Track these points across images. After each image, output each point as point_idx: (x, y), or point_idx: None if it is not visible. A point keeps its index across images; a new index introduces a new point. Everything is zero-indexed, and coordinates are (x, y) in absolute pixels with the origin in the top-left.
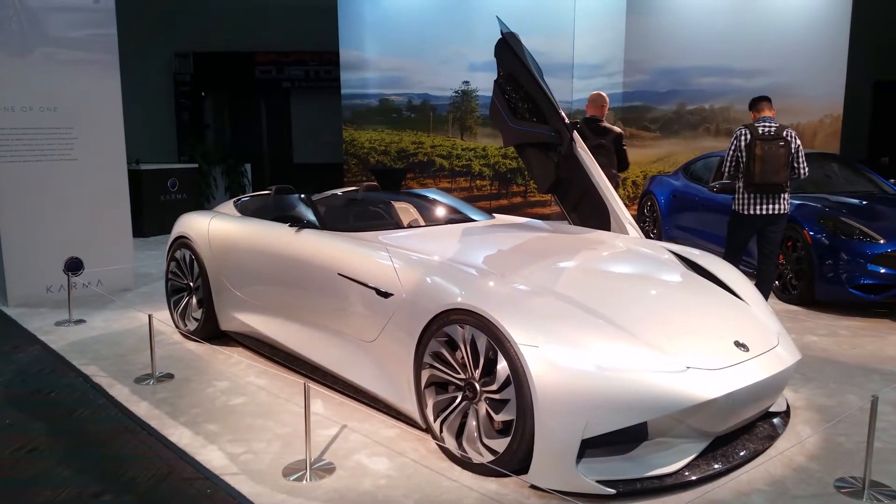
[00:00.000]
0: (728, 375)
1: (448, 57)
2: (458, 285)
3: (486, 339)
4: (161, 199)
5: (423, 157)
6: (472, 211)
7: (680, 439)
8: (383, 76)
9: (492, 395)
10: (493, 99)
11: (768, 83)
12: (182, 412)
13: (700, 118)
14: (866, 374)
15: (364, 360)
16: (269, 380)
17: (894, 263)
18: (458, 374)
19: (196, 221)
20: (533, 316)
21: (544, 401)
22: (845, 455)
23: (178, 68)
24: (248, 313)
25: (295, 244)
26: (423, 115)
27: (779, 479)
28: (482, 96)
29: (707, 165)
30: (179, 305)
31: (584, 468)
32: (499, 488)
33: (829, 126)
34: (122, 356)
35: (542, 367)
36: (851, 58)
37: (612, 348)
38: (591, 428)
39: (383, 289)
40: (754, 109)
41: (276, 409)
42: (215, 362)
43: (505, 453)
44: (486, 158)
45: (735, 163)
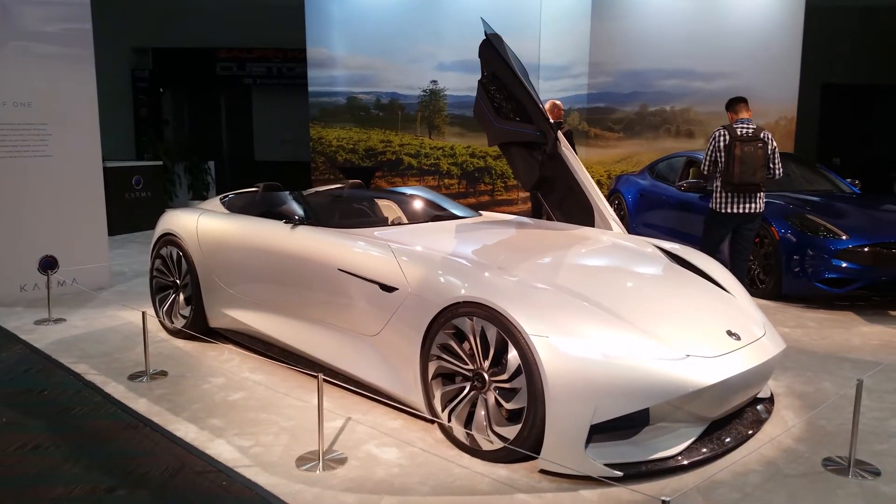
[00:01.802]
0: (724, 363)
1: (417, 56)
2: (466, 279)
3: (496, 331)
4: (126, 197)
5: (392, 156)
6: (459, 208)
7: (679, 424)
8: (351, 74)
9: (502, 385)
10: (477, 99)
11: (727, 86)
12: (183, 408)
13: (661, 119)
14: (838, 363)
15: (366, 353)
16: (264, 375)
17: (857, 258)
18: (467, 364)
19: (183, 218)
20: (541, 307)
21: (555, 389)
22: (828, 437)
23: (137, 64)
24: (240, 310)
25: (291, 240)
26: (392, 113)
27: (771, 461)
28: (450, 96)
29: (671, 165)
30: (165, 303)
31: (592, 452)
32: (510, 474)
33: (784, 127)
34: (109, 354)
35: (552, 356)
36: (802, 62)
37: (617, 337)
38: (599, 414)
39: (387, 283)
40: (731, 111)
41: (277, 403)
42: (206, 359)
43: (515, 440)
44: (454, 157)
45: (713, 163)
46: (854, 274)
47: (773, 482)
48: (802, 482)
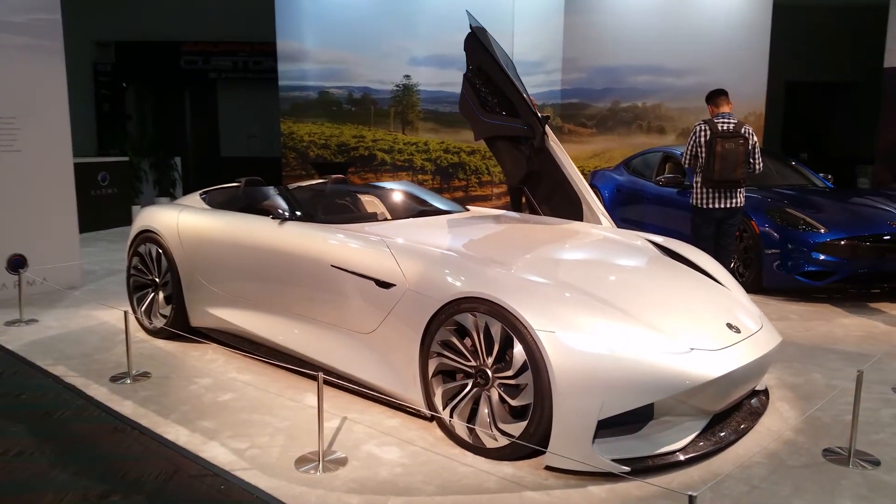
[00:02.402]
0: (727, 356)
1: (389, 51)
2: (467, 275)
3: (501, 326)
4: (91, 194)
5: (365, 152)
6: (446, 203)
7: (683, 418)
8: (323, 69)
9: (506, 381)
10: (462, 92)
11: (697, 82)
12: (171, 410)
13: (633, 115)
14: (823, 354)
15: (361, 351)
16: (252, 375)
17: (835, 251)
18: (469, 361)
19: (163, 214)
20: (546, 302)
21: (562, 384)
22: (824, 428)
23: (99, 58)
24: (225, 308)
25: (279, 236)
26: (364, 108)
27: (773, 452)
28: (424, 91)
29: (647, 161)
30: (144, 302)
31: (599, 448)
32: (515, 471)
33: (753, 123)
34: (88, 355)
35: (559, 351)
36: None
37: (622, 332)
38: (606, 409)
39: (384, 279)
40: (712, 104)
41: (269, 403)
42: (189, 359)
43: (521, 437)
44: (427, 153)
45: (694, 157)
46: (833, 266)
47: (778, 474)
48: (806, 473)
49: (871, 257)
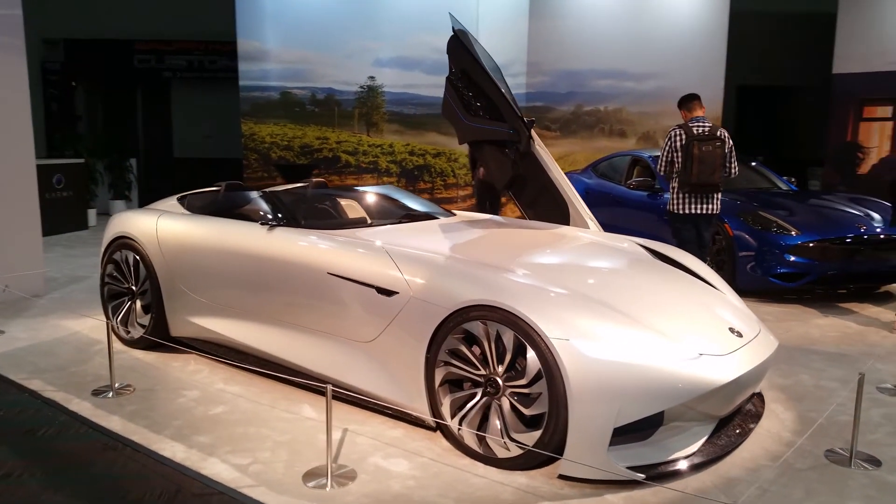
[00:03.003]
0: (734, 360)
1: (353, 51)
2: (477, 282)
3: (513, 335)
4: (46, 197)
5: (329, 153)
6: (432, 207)
7: (691, 423)
8: (285, 68)
9: (519, 390)
10: (445, 96)
11: (657, 86)
12: (162, 425)
13: (596, 119)
14: (806, 356)
15: (360, 360)
16: (241, 387)
17: (807, 253)
18: (478, 370)
19: (140, 220)
20: (558, 310)
21: (578, 393)
22: (821, 429)
23: (48, 56)
24: (210, 318)
25: (269, 243)
26: (328, 109)
27: (777, 455)
28: (389, 92)
29: (613, 165)
30: (120, 311)
31: (614, 456)
32: (530, 481)
33: None
34: (63, 368)
35: (574, 359)
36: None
37: (634, 338)
38: (622, 416)
39: (386, 287)
40: (685, 108)
41: (264, 416)
42: (172, 371)
43: (536, 446)
44: (392, 155)
45: (670, 163)
46: (804, 268)
47: (787, 477)
48: (812, 475)
49: (840, 259)
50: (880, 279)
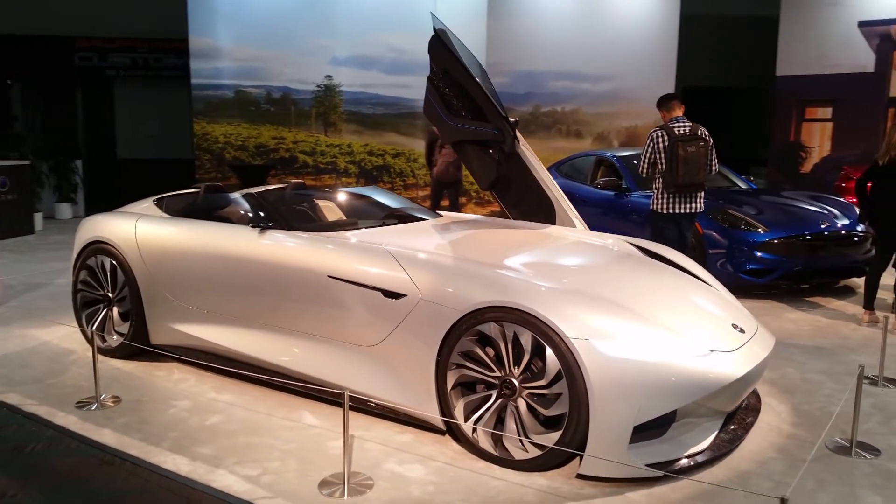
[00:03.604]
0: (742, 356)
1: (309, 49)
2: (491, 284)
3: (531, 336)
4: None
5: (285, 154)
6: (418, 208)
7: (701, 419)
8: (239, 67)
9: (538, 391)
10: (426, 96)
11: (612, 87)
12: (159, 437)
13: (553, 120)
14: (786, 349)
15: (364, 365)
16: (232, 395)
17: (774, 250)
18: (493, 372)
19: (117, 224)
20: (575, 309)
21: (599, 392)
22: (815, 420)
23: None
24: (196, 325)
25: (262, 247)
26: (284, 108)
27: (781, 447)
28: (346, 92)
29: (576, 165)
30: (95, 319)
31: (633, 454)
32: (550, 482)
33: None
34: (40, 380)
35: (594, 359)
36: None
37: (648, 336)
38: (641, 414)
39: (392, 290)
40: (665, 108)
41: (264, 424)
42: (157, 380)
43: (555, 447)
44: (351, 155)
45: (652, 164)
46: (772, 264)
47: (795, 468)
48: (818, 466)
49: (805, 255)
50: (841, 274)
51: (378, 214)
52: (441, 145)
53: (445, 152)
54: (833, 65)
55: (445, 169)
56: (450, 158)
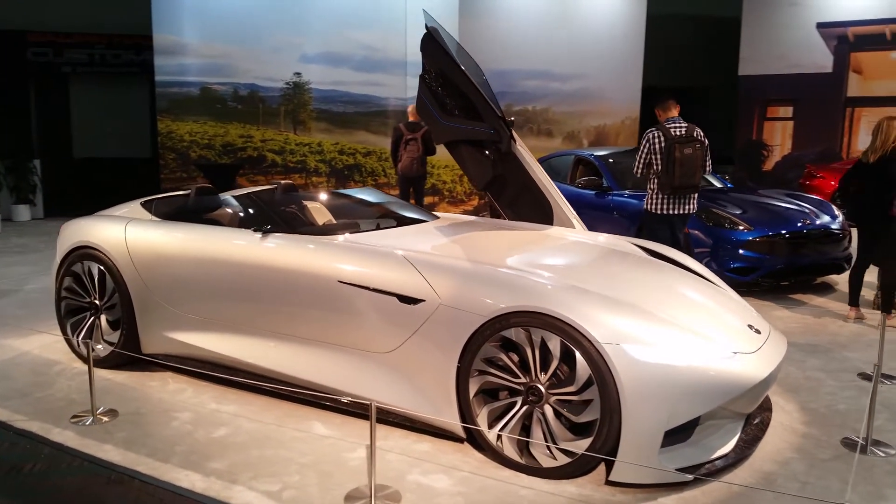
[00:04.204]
0: (762, 356)
1: (278, 46)
2: (515, 288)
3: (560, 341)
4: None
5: (253, 152)
6: (417, 210)
7: (723, 420)
8: (205, 63)
9: (568, 397)
10: (419, 95)
11: (581, 87)
12: (166, 452)
13: (524, 119)
14: None
15: (377, 372)
16: (235, 406)
17: (758, 248)
18: (518, 378)
19: (104, 228)
20: (602, 314)
21: (632, 397)
22: (823, 418)
23: None
24: (194, 332)
25: (266, 251)
26: (252, 106)
27: (799, 447)
28: (316, 89)
29: (552, 165)
30: (81, 328)
31: (663, 458)
32: (580, 490)
33: (629, 127)
34: (26, 393)
35: (625, 364)
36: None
37: (675, 339)
38: (672, 419)
39: (409, 295)
40: (661, 109)
41: (274, 436)
42: (152, 391)
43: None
44: (321, 154)
45: (647, 165)
46: (756, 262)
47: (817, 468)
48: (839, 465)
49: (788, 252)
50: (821, 271)
51: (374, 216)
52: (406, 141)
53: (410, 148)
54: (793, 65)
55: (410, 164)
56: (414, 154)
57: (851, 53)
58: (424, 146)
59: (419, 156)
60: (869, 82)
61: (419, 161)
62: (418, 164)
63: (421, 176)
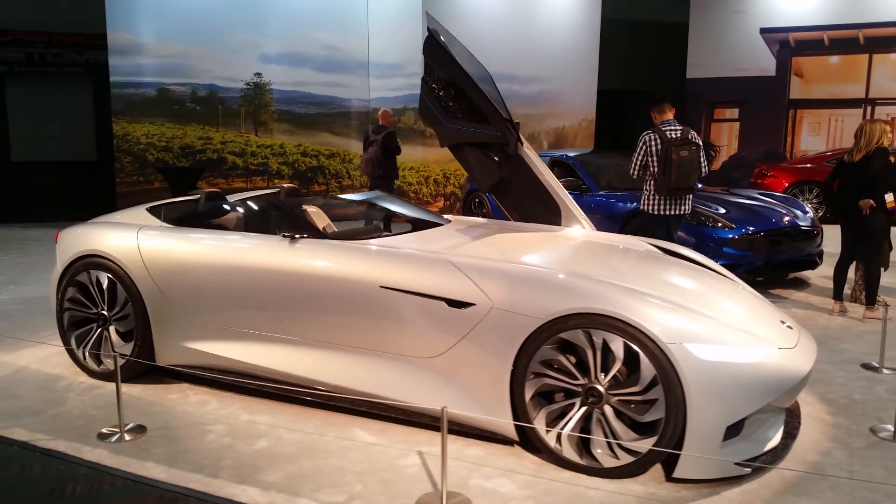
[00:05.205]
0: (803, 351)
1: (237, 45)
2: (572, 291)
3: (623, 342)
4: None
5: (213, 155)
6: (427, 214)
7: (767, 415)
8: (162, 63)
9: (632, 397)
10: (421, 97)
11: (540, 89)
12: (212, 468)
13: None
14: None
15: (422, 377)
16: (268, 416)
17: (742, 246)
18: (577, 379)
19: (114, 236)
20: (664, 314)
21: (697, 395)
22: (847, 409)
23: None
24: (218, 342)
25: (297, 257)
26: (211, 107)
27: (833, 436)
28: (277, 90)
29: None
30: (88, 340)
31: (723, 454)
32: (644, 488)
33: (586, 129)
34: (39, 411)
35: (689, 363)
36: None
37: (730, 336)
38: (732, 414)
39: (458, 299)
40: (657, 111)
41: (319, 446)
42: (173, 404)
43: (650, 452)
44: (284, 156)
45: (643, 167)
46: (739, 260)
47: (857, 457)
48: (876, 454)
49: (767, 249)
50: (796, 266)
51: (409, 220)
52: (370, 143)
53: (370, 150)
54: (739, 69)
55: (366, 166)
56: (371, 156)
57: (793, 58)
58: (382, 148)
59: (375, 157)
60: (809, 85)
61: (375, 163)
62: (374, 166)
63: (379, 176)
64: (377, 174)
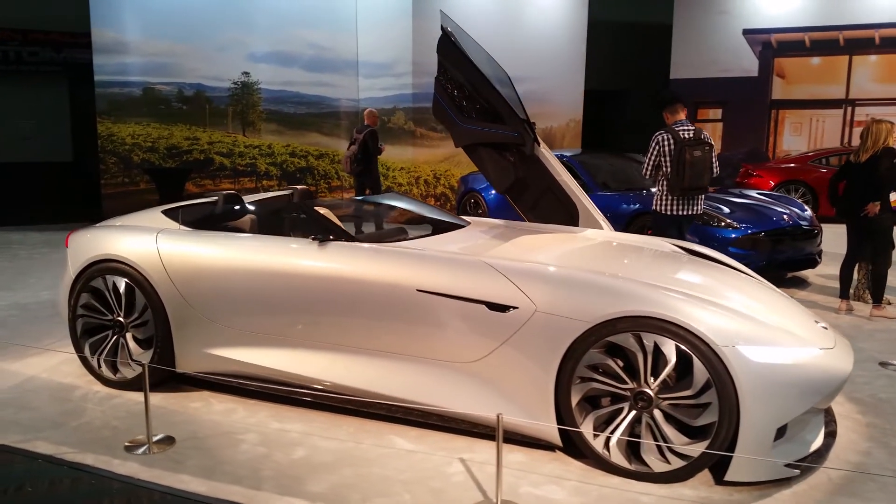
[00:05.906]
0: (841, 351)
1: (224, 44)
2: (621, 294)
3: (675, 345)
4: None
5: (200, 155)
6: (446, 215)
7: (808, 416)
8: (147, 62)
9: (685, 401)
10: (435, 97)
11: (528, 90)
12: (252, 479)
13: None
14: None
15: (460, 382)
16: (299, 423)
17: (746, 245)
18: (626, 384)
19: (132, 240)
20: (713, 317)
21: (749, 398)
22: (876, 408)
23: None
24: (242, 348)
25: (328, 260)
26: (198, 107)
27: (869, 436)
28: (265, 90)
29: None
30: (103, 348)
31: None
32: (696, 493)
33: (573, 129)
34: (60, 424)
35: (742, 366)
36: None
37: (777, 338)
38: (783, 416)
39: (500, 302)
40: (669, 111)
41: (358, 454)
42: (198, 413)
43: (701, 456)
44: (272, 157)
45: (657, 167)
46: (742, 259)
47: None
48: None
49: (770, 249)
50: (797, 266)
51: (430, 222)
52: (353, 141)
53: (351, 149)
54: (722, 69)
55: (345, 164)
56: (350, 154)
57: (775, 59)
58: (362, 147)
59: (353, 155)
60: (791, 86)
61: (353, 160)
62: (353, 164)
63: (359, 174)
64: (356, 172)
